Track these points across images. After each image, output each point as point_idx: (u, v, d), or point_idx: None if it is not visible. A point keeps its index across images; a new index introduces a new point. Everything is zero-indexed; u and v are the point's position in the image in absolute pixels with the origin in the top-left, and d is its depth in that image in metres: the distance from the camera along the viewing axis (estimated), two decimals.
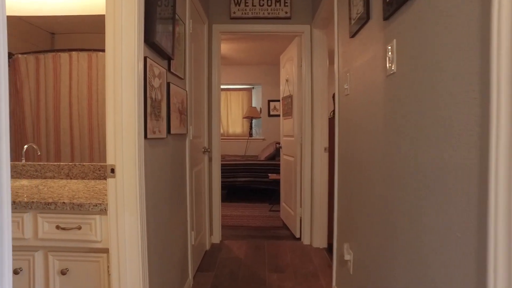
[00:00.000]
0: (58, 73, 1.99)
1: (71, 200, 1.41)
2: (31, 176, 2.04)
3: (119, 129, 1.34)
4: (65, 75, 1.93)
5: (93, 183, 1.84)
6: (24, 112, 1.95)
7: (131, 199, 1.36)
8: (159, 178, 1.66)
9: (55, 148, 1.92)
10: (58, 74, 1.98)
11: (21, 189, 1.68)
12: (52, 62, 2.00)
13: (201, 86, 2.82)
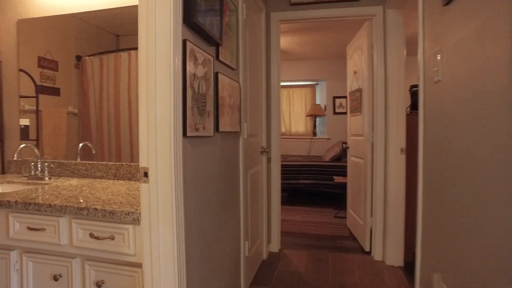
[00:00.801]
0: (118, 72, 1.93)
1: (103, 206, 1.25)
2: (81, 175, 1.99)
3: (152, 125, 1.13)
4: (125, 74, 1.88)
5: (137, 186, 1.69)
6: (89, 111, 1.93)
7: (165, 207, 1.14)
8: (203, 183, 1.44)
9: (116, 146, 1.86)
10: (118, 73, 1.93)
11: (66, 189, 1.59)
12: (114, 62, 1.95)
13: (258, 80, 2.57)
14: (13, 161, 2.18)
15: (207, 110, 1.45)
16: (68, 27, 1.92)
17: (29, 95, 2.11)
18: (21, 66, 2.13)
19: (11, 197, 1.41)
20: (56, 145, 1.98)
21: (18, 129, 2.19)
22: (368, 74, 2.87)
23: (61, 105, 1.94)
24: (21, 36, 2.15)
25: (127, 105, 1.88)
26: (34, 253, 1.39)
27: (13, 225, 1.39)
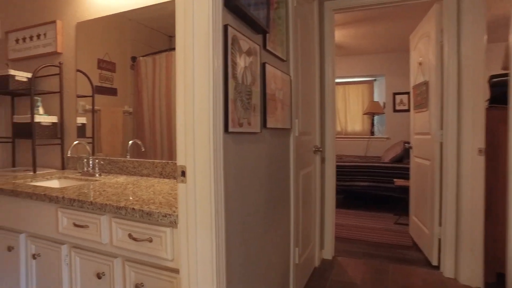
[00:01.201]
0: (170, 71, 1.93)
1: (142, 206, 1.18)
2: (129, 172, 1.98)
3: (190, 119, 1.03)
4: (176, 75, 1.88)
5: None
6: (143, 110, 1.95)
7: (204, 210, 1.03)
8: (248, 184, 1.31)
9: (168, 145, 1.85)
10: (170, 72, 1.92)
11: (112, 186, 1.57)
12: (166, 61, 1.95)
13: (310, 75, 2.38)
14: (71, 157, 2.26)
15: (253, 104, 1.32)
16: (125, 30, 1.96)
17: (87, 95, 2.17)
18: (82, 68, 2.21)
19: (60, 193, 1.41)
20: (112, 143, 2.04)
21: (75, 127, 2.28)
22: (437, 64, 2.53)
23: (118, 105, 1.99)
24: (81, 39, 2.22)
25: None
26: (81, 249, 1.38)
27: (61, 220, 1.39)
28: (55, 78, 2.37)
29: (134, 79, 1.95)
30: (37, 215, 1.50)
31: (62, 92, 2.31)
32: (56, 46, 2.31)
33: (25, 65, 2.56)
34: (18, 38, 2.54)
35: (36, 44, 2.44)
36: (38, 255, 1.53)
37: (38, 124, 2.20)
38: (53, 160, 2.42)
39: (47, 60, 2.42)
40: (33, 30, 2.45)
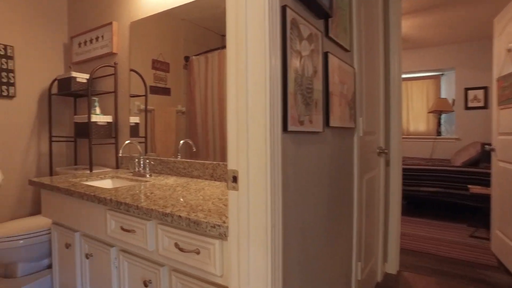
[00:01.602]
0: (222, 69, 1.85)
1: (189, 213, 1.06)
2: (180, 173, 1.91)
3: (243, 115, 0.88)
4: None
5: None
6: (196, 110, 1.90)
7: (258, 222, 0.87)
8: (308, 191, 1.13)
9: (220, 145, 1.77)
10: (222, 70, 1.85)
11: (160, 189, 1.49)
12: (218, 59, 1.87)
13: (374, 68, 2.13)
14: (124, 156, 2.27)
15: (314, 98, 1.14)
16: (178, 30, 1.94)
17: (141, 94, 2.17)
18: (136, 68, 2.20)
19: (108, 194, 1.36)
20: (165, 142, 2.02)
21: (128, 127, 2.27)
22: None
23: (171, 104, 1.98)
24: (135, 39, 2.22)
25: None
26: (128, 253, 1.31)
27: (109, 222, 1.34)
28: (111, 78, 2.40)
29: (187, 78, 1.92)
30: (89, 215, 1.47)
31: (117, 92, 2.32)
32: (112, 47, 2.33)
33: (86, 67, 2.64)
34: (80, 42, 2.63)
35: (95, 46, 2.49)
36: (91, 255, 1.50)
37: (94, 123, 2.23)
38: (108, 159, 2.46)
39: (104, 61, 2.46)
40: (93, 33, 2.50)
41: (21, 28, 2.53)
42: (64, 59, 2.80)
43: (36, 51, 2.61)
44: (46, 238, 2.03)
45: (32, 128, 2.60)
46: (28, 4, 2.57)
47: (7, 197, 2.48)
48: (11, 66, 2.46)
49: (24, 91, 2.55)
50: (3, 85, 2.42)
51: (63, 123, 2.80)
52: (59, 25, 2.76)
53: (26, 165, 2.57)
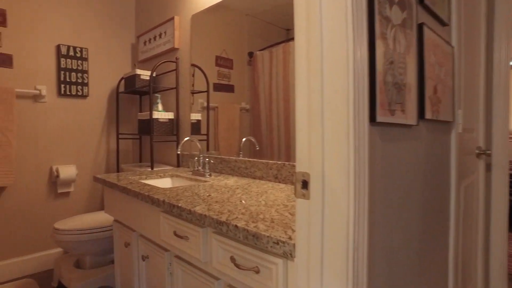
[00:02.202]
0: (287, 63, 1.71)
1: (247, 223, 0.88)
2: (241, 174, 1.76)
3: (316, 101, 0.67)
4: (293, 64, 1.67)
5: None
6: (259, 106, 1.78)
7: (336, 241, 0.66)
8: (398, 202, 0.87)
9: (285, 144, 1.62)
10: (287, 63, 1.71)
11: (218, 191, 1.35)
12: (282, 53, 1.74)
13: (472, 49, 1.73)
14: (185, 154, 2.20)
15: (407, 82, 0.87)
16: (242, 25, 1.85)
17: (203, 90, 2.10)
18: (200, 65, 2.14)
19: (162, 195, 1.25)
20: (229, 141, 1.93)
21: (189, 124, 2.20)
22: None
23: (235, 102, 1.90)
24: (197, 33, 2.14)
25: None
26: (182, 260, 1.19)
27: (163, 225, 1.22)
28: (173, 74, 2.36)
29: (251, 74, 1.82)
30: (144, 216, 1.38)
31: (178, 87, 2.27)
32: (173, 42, 2.28)
33: (150, 65, 2.65)
34: (146, 40, 2.65)
35: (158, 43, 2.48)
36: (147, 257, 1.42)
37: (156, 120, 2.19)
38: (169, 157, 2.42)
39: (166, 57, 2.43)
40: (157, 30, 2.50)
41: (94, 31, 2.63)
42: (132, 58, 2.86)
43: (106, 52, 2.70)
44: (111, 234, 2.04)
45: (102, 126, 2.69)
46: (101, 8, 2.66)
47: (81, 192, 2.59)
48: (86, 67, 2.56)
49: (95, 91, 2.64)
50: (79, 85, 2.53)
51: (129, 121, 2.86)
52: (127, 25, 2.82)
53: (97, 161, 2.66)
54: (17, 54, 2.29)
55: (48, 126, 2.42)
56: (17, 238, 2.31)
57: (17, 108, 2.29)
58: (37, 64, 2.37)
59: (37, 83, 2.37)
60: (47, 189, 2.43)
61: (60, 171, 2.40)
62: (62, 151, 2.48)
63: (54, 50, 2.44)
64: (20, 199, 2.32)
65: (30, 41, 2.34)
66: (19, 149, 2.30)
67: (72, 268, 2.08)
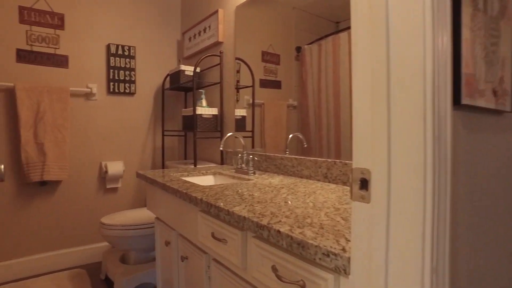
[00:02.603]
0: (337, 56, 1.59)
1: (292, 228, 0.75)
2: (287, 172, 1.63)
3: (381, 77, 0.52)
4: (344, 57, 1.55)
5: None
6: (308, 103, 1.68)
7: (408, 259, 0.50)
8: (487, 212, 0.68)
9: (335, 142, 1.49)
10: (337, 57, 1.58)
11: (261, 190, 1.23)
12: (332, 46, 1.62)
13: None
14: (229, 151, 2.12)
15: (500, 56, 0.68)
16: (289, 19, 1.76)
17: (248, 85, 2.02)
18: (243, 58, 2.06)
19: (200, 193, 1.16)
20: (275, 138, 1.84)
21: (234, 120, 2.12)
22: None
23: (281, 98, 1.81)
24: (241, 27, 2.06)
25: (347, 93, 1.52)
26: (221, 264, 1.09)
27: (201, 226, 1.14)
28: (217, 69, 2.30)
29: (299, 70, 1.72)
30: (183, 214, 1.31)
31: (222, 82, 2.19)
32: (217, 36, 2.22)
33: (195, 61, 2.62)
34: (191, 36, 2.63)
35: (203, 38, 2.43)
36: (186, 258, 1.35)
37: (199, 116, 2.14)
38: (213, 154, 2.37)
39: (211, 52, 2.38)
40: (201, 25, 2.46)
41: (141, 29, 2.66)
42: (177, 55, 2.86)
43: (153, 49, 2.73)
44: (153, 231, 2.03)
45: (148, 122, 2.72)
46: (148, 7, 2.69)
47: (127, 188, 2.64)
48: (133, 65, 2.60)
49: (142, 88, 2.68)
50: (126, 83, 2.58)
51: (174, 117, 2.86)
52: (173, 22, 2.83)
53: (143, 158, 2.70)
54: (72, 55, 2.38)
55: (98, 123, 2.49)
56: (70, 230, 2.41)
57: (71, 106, 2.38)
58: (89, 64, 2.45)
59: (89, 82, 2.45)
60: (97, 184, 2.50)
61: (109, 167, 2.46)
62: (110, 147, 2.55)
63: (104, 49, 2.51)
64: (73, 193, 2.41)
65: (84, 42, 2.42)
66: (72, 145, 2.39)
67: (117, 263, 2.10)
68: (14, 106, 2.18)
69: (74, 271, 2.30)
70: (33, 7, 2.26)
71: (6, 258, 2.21)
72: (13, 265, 2.21)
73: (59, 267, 2.36)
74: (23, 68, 2.23)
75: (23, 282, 2.13)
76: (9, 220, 2.21)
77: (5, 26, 2.17)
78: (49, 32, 2.30)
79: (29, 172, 2.16)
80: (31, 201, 2.27)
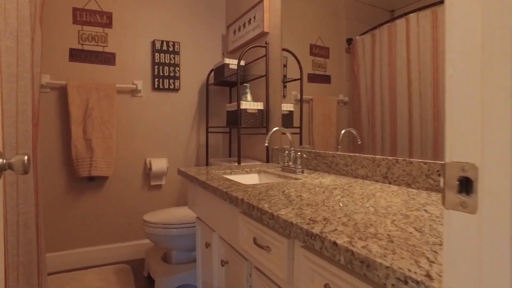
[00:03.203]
0: (392, 45, 1.42)
1: (352, 238, 0.59)
2: (339, 171, 1.45)
3: (495, 44, 0.35)
4: (401, 46, 1.39)
5: (424, 200, 0.92)
6: (360, 98, 1.53)
7: None
8: None
9: (390, 140, 1.32)
10: (392, 46, 1.42)
11: (310, 191, 1.08)
12: (387, 35, 1.46)
13: None
14: (275, 148, 1.98)
15: None
16: (339, 9, 1.64)
17: (295, 78, 1.88)
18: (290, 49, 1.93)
19: (242, 193, 1.04)
20: (325, 136, 1.70)
21: (280, 115, 1.98)
22: None
23: (331, 93, 1.67)
24: (289, 19, 1.93)
25: (405, 85, 1.34)
26: (263, 274, 0.96)
27: (241, 229, 1.02)
28: (262, 62, 2.17)
29: (350, 63, 1.57)
30: (223, 215, 1.20)
31: (268, 74, 2.06)
32: (263, 26, 2.09)
33: (240, 54, 2.52)
34: (235, 29, 2.54)
35: (248, 29, 2.32)
36: (226, 262, 1.24)
37: (244, 111, 2.03)
38: (258, 151, 2.25)
39: (256, 44, 2.26)
40: (246, 16, 2.35)
41: (186, 24, 2.63)
42: (222, 49, 2.79)
43: (197, 45, 2.68)
44: (195, 231, 1.96)
45: (193, 119, 2.68)
46: (193, 1, 2.65)
47: (171, 185, 2.62)
48: (177, 60, 2.57)
49: (186, 84, 2.64)
50: (171, 79, 2.56)
51: (219, 114, 2.80)
52: (217, 16, 2.76)
53: (187, 155, 2.66)
54: (119, 52, 2.41)
55: (143, 120, 2.50)
56: (115, 226, 2.44)
57: (117, 103, 2.41)
58: (135, 60, 2.46)
59: (134, 78, 2.46)
60: (142, 180, 2.51)
61: (153, 163, 2.44)
62: (155, 144, 2.54)
63: (150, 46, 2.51)
64: (119, 189, 2.44)
65: (130, 39, 2.44)
66: (118, 141, 2.42)
67: (159, 261, 2.07)
68: (66, 103, 2.25)
69: (118, 266, 2.31)
70: (85, 8, 2.31)
71: (59, 249, 2.28)
72: (64, 256, 2.29)
73: (105, 261, 2.40)
74: (74, 66, 2.29)
75: (73, 274, 2.19)
76: (61, 213, 2.28)
77: (60, 27, 2.25)
78: (98, 31, 2.35)
79: (78, 167, 2.20)
80: (80, 195, 2.33)
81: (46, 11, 2.21)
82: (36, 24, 1.79)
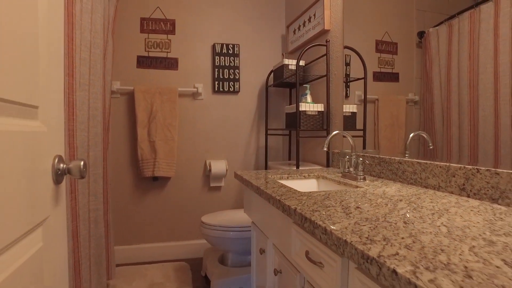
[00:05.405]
0: (475, 36, 1.24)
1: (416, 269, 0.49)
2: (406, 179, 1.31)
3: None
4: (487, 36, 1.19)
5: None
6: (433, 97, 1.38)
7: None
8: None
9: (470, 144, 1.16)
10: (475, 37, 1.23)
11: (371, 202, 0.97)
12: (468, 23, 1.28)
13: None
14: (335, 153, 1.88)
15: None
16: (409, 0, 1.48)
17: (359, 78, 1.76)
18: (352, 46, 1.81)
19: (295, 202, 0.97)
20: (392, 139, 1.57)
21: (341, 117, 1.86)
22: None
23: (400, 93, 1.53)
24: (353, 14, 1.81)
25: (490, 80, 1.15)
26: None
27: (294, 241, 0.95)
28: (323, 61, 2.07)
29: (422, 58, 1.42)
30: (276, 223, 1.15)
31: (329, 74, 1.96)
32: (323, 24, 1.99)
33: (299, 53, 2.45)
34: (295, 28, 2.47)
35: (307, 28, 2.24)
36: (279, 271, 1.19)
37: (303, 113, 1.96)
38: (318, 155, 2.15)
39: (316, 42, 2.17)
40: (305, 14, 2.27)
41: (245, 26, 2.64)
42: (282, 50, 2.74)
43: (256, 46, 2.67)
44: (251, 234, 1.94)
45: (252, 121, 2.67)
46: (252, 3, 2.65)
47: (231, 187, 2.64)
48: (237, 63, 2.59)
49: (246, 86, 2.65)
50: (231, 82, 2.58)
51: (279, 116, 2.75)
52: (277, 17, 2.72)
53: (246, 157, 2.66)
54: (181, 57, 2.51)
55: (204, 122, 2.56)
56: (176, 224, 2.54)
57: (179, 106, 2.50)
58: (196, 64, 2.54)
59: (196, 82, 2.54)
60: (202, 182, 2.58)
61: (212, 165, 2.49)
62: (215, 146, 2.59)
63: (210, 49, 2.57)
64: (180, 189, 2.54)
65: (191, 43, 2.52)
66: (179, 143, 2.52)
67: (215, 262, 2.09)
68: (133, 107, 2.40)
69: (178, 264, 2.40)
70: (151, 17, 2.45)
71: (126, 243, 2.45)
72: (131, 250, 2.45)
73: (166, 257, 2.52)
74: (141, 72, 2.44)
75: (137, 267, 2.33)
76: (129, 210, 2.45)
77: (130, 36, 2.42)
78: (163, 38, 2.47)
79: (143, 167, 2.34)
80: (146, 194, 2.48)
81: (117, 23, 2.39)
82: (108, 36, 1.94)
